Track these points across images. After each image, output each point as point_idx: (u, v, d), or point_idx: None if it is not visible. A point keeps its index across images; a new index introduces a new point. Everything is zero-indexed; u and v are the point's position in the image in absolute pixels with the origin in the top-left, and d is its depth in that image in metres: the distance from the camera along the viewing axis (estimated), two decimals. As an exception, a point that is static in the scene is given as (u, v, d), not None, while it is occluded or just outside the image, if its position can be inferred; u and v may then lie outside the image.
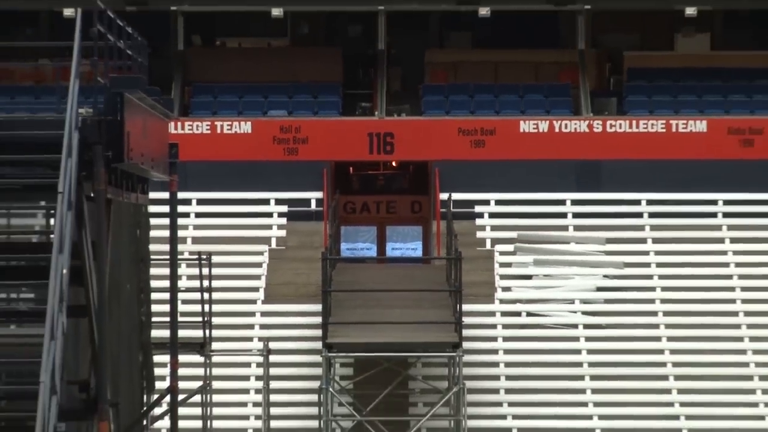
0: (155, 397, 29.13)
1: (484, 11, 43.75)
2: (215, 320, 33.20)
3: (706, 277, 40.36)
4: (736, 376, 37.57)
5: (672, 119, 43.11)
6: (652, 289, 40.10)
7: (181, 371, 29.25)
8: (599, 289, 40.17)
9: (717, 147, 42.53)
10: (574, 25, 44.75)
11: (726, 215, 41.78)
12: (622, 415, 36.79)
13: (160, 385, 29.05)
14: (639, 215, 42.18)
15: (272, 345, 35.81)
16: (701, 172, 42.02)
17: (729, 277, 40.27)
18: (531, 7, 44.11)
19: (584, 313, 39.59)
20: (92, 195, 22.61)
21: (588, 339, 38.82)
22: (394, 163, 44.63)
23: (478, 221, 42.08)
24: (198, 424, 32.46)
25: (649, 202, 42.21)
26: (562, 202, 42.48)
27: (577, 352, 38.51)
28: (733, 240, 41.14)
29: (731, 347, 38.29)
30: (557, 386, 37.67)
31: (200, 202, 40.03)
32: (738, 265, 40.44)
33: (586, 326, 39.17)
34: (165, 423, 29.79)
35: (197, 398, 32.10)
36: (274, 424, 35.08)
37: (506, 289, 40.28)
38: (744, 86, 45.25)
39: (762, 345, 38.27)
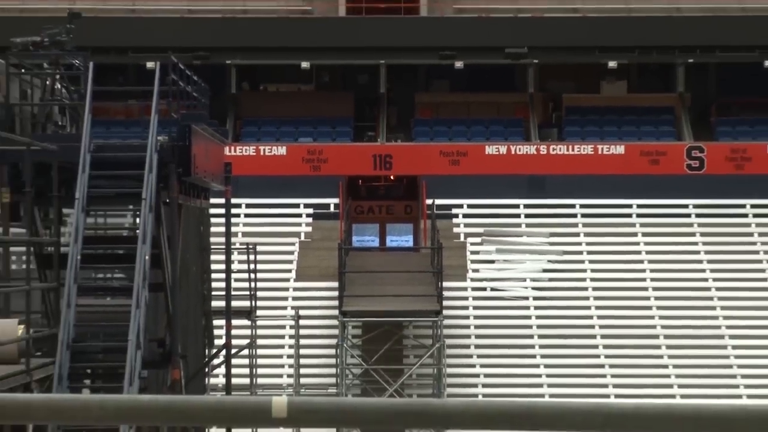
0: (214, 351, 29.16)
1: (459, 64, 43.59)
2: (259, 294, 32.84)
3: (623, 262, 40.03)
4: (644, 335, 37.26)
5: (598, 144, 42.97)
6: (584, 270, 39.90)
7: (234, 332, 29.59)
8: (544, 270, 40.04)
9: (632, 165, 42.26)
10: (525, 75, 44.52)
11: (639, 215, 41.44)
12: (560, 364, 36.48)
13: (217, 342, 29.21)
14: (574, 216, 41.92)
15: (301, 312, 35.85)
16: (620, 183, 41.71)
17: (641, 261, 39.96)
18: (493, 62, 43.64)
19: (533, 288, 39.42)
20: (167, 201, 22.94)
21: (536, 308, 38.71)
22: (392, 177, 44.35)
23: (455, 220, 41.88)
24: (246, 371, 32.43)
25: (581, 206, 41.90)
26: (516, 206, 42.20)
27: (528, 317, 38.40)
28: (644, 234, 40.75)
29: (642, 314, 37.96)
30: (513, 343, 37.49)
31: (248, 206, 39.74)
32: (648, 253, 40.03)
33: (535, 298, 39.04)
34: (221, 371, 29.85)
35: (245, 352, 32.11)
36: (302, 371, 34.79)
37: (475, 270, 40.12)
38: (652, 120, 44.97)
39: (657, 312, 38.17)
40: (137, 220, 22.19)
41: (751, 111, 45.68)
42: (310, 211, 42.85)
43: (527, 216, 42.38)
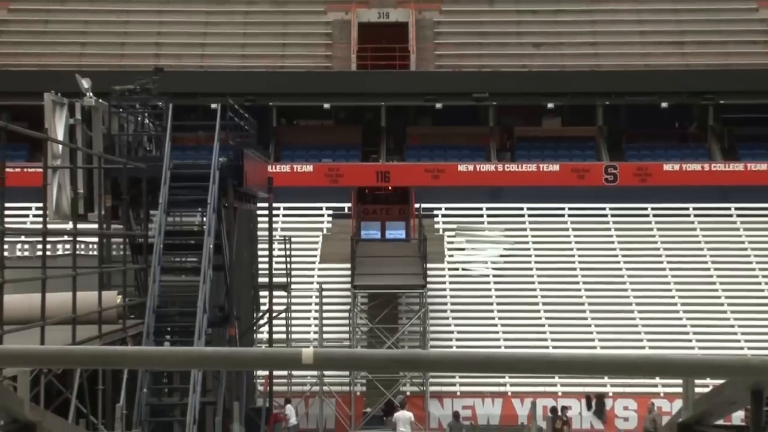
0: (260, 314, 29.22)
1: (438, 105, 43.58)
2: (292, 272, 32.97)
3: (559, 249, 39.91)
4: (574, 302, 37.15)
5: (540, 164, 42.90)
6: (529, 255, 39.66)
7: (274, 300, 29.45)
8: (501, 255, 39.96)
9: (564, 179, 42.18)
10: (487, 114, 44.25)
11: (570, 216, 41.22)
12: (512, 324, 36.25)
13: (262, 308, 29.18)
14: (522, 216, 41.72)
15: (324, 286, 35.94)
16: (556, 192, 41.57)
17: (571, 249, 39.89)
18: (463, 103, 43.54)
19: (493, 268, 39.33)
20: (226, 205, 23.04)
21: (495, 282, 38.51)
22: (390, 188, 44.33)
23: (435, 219, 41.76)
24: (283, 329, 32.28)
25: (528, 209, 41.72)
26: (480, 209, 42.05)
27: (489, 289, 38.24)
28: (574, 229, 40.63)
29: (573, 287, 37.74)
30: (478, 308, 37.31)
31: (284, 208, 39.58)
32: (576, 242, 40.14)
33: (494, 275, 38.88)
34: (265, 329, 29.72)
35: (283, 316, 32.00)
36: (324, 329, 34.81)
37: (451, 255, 40.05)
38: (579, 146, 44.88)
39: (583, 286, 38.15)
40: (204, 218, 22.29)
41: (651, 139, 45.58)
42: (330, 212, 42.71)
43: (488, 216, 42.21)
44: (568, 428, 30.64)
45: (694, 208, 41.70)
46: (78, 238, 18.00)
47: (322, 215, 42.51)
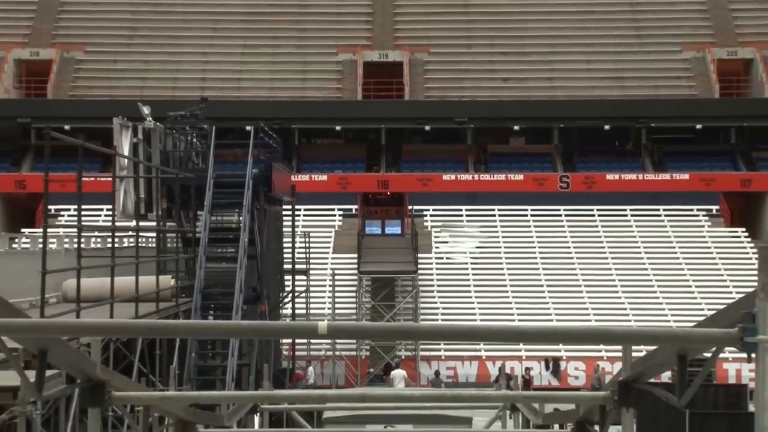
0: (285, 294, 29.06)
1: (427, 127, 43.64)
2: (311, 260, 32.92)
3: (522, 243, 39.88)
4: (533, 284, 37.06)
5: (508, 174, 42.81)
6: (499, 247, 39.69)
7: (296, 283, 29.75)
8: (477, 247, 39.97)
9: (527, 186, 42.11)
10: (466, 134, 44.14)
11: (532, 216, 41.11)
12: (487, 302, 36.22)
13: (287, 289, 29.06)
14: (494, 216, 41.64)
15: (336, 272, 35.82)
16: (520, 197, 41.53)
17: (533, 243, 39.87)
18: (447, 126, 43.40)
19: (471, 257, 39.29)
20: (258, 207, 23.04)
21: (472, 269, 38.40)
22: (388, 193, 44.44)
23: (424, 218, 41.64)
24: (303, 306, 32.08)
25: (499, 210, 41.60)
26: (460, 210, 41.97)
27: (467, 274, 38.15)
28: (536, 227, 40.55)
29: (533, 270, 37.72)
30: (459, 289, 37.19)
31: (305, 210, 39.37)
32: (537, 238, 40.00)
33: (471, 263, 38.83)
34: (289, 306, 29.61)
35: (303, 295, 31.78)
36: (336, 306, 34.73)
37: (437, 247, 39.95)
38: (539, 160, 44.80)
39: (543, 271, 37.95)
40: (240, 218, 22.24)
41: (597, 155, 45.48)
42: (341, 212, 42.59)
43: (467, 216, 42.10)
44: (530, 386, 30.61)
45: (630, 210, 41.68)
46: (140, 233, 18.06)
47: (334, 215, 42.37)
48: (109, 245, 16.71)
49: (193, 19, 47.74)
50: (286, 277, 28.62)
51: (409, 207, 41.81)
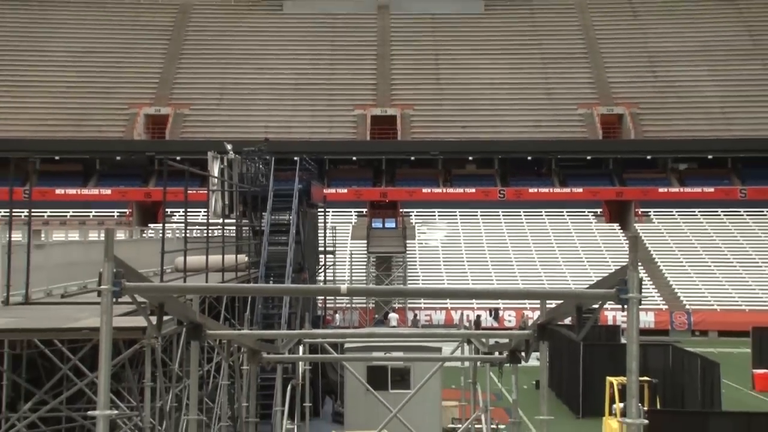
0: (319, 267, 28.96)
1: (413, 158, 43.73)
2: (336, 245, 32.17)
3: (473, 235, 39.55)
4: (482, 267, 37.03)
5: (465, 188, 42.70)
6: (459, 237, 39.39)
7: (327, 260, 29.51)
8: (445, 236, 39.65)
9: (478, 196, 42.03)
10: (438, 162, 44.00)
11: (481, 217, 40.88)
12: (454, 276, 35.78)
13: (320, 263, 28.86)
14: (456, 217, 41.31)
15: (353, 252, 35.90)
16: (473, 204, 41.43)
17: (480, 236, 39.71)
18: (426, 157, 43.25)
19: (441, 243, 39.05)
20: (302, 210, 22.86)
21: (444, 254, 38.08)
22: (387, 201, 44.49)
23: (411, 218, 41.51)
24: (331, 275, 31.01)
25: (460, 213, 41.30)
26: (434, 213, 41.65)
27: (438, 255, 37.79)
28: (483, 224, 40.42)
29: (481, 255, 37.36)
30: (434, 265, 36.78)
31: (333, 212, 39.35)
32: (486, 234, 39.65)
33: (442, 248, 38.54)
34: (321, 275, 29.13)
35: (331, 267, 31.37)
36: (353, 275, 34.57)
37: (420, 237, 39.73)
38: (485, 179, 44.27)
39: (490, 260, 37.72)
40: (290, 217, 21.95)
41: (523, 176, 45.14)
42: (356, 214, 42.41)
43: (438, 216, 41.85)
44: (479, 327, 30.59)
45: (545, 212, 41.70)
46: (224, 227, 17.97)
47: (352, 215, 42.27)
48: (205, 234, 16.67)
49: (260, 88, 47.96)
50: (320, 256, 28.42)
51: (401, 210, 41.83)
